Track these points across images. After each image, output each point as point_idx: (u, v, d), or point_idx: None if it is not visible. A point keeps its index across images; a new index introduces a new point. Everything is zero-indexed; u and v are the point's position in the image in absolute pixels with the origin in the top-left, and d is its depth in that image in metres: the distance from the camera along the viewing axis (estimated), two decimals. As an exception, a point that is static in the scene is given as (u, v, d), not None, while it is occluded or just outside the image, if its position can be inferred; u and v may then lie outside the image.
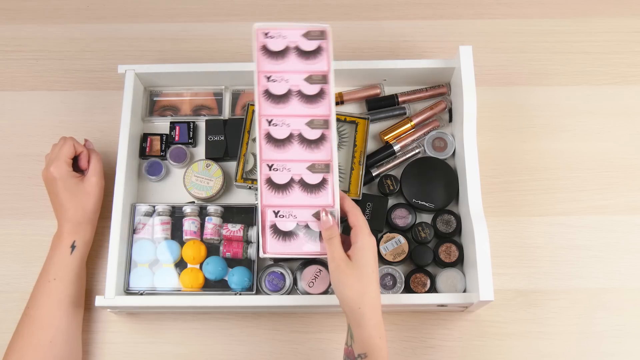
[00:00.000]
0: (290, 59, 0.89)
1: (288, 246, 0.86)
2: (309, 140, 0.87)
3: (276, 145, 0.87)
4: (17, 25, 1.20)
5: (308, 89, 0.88)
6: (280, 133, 0.88)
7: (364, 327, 0.81)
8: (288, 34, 0.89)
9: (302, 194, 0.87)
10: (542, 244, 1.04)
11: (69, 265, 0.96)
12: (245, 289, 0.99)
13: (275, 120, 0.88)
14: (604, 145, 1.10)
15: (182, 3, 1.21)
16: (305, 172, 0.87)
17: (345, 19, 1.19)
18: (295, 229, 0.86)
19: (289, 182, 0.87)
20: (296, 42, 0.89)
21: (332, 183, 0.87)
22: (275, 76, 0.89)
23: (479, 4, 1.20)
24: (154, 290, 0.99)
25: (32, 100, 1.14)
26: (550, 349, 0.99)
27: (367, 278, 0.82)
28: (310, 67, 0.89)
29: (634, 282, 1.02)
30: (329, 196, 0.86)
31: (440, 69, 1.06)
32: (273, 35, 0.89)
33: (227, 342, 1.01)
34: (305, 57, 0.89)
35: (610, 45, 1.16)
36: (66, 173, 0.98)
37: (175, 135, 1.08)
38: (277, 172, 0.87)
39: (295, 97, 0.88)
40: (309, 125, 0.88)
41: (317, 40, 0.90)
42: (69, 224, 0.98)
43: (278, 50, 0.89)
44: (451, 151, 1.06)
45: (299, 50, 0.89)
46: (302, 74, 0.89)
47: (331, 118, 0.88)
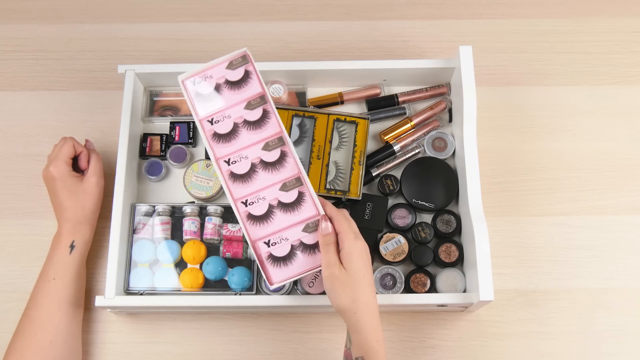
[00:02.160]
0: (224, 95, 0.91)
1: (291, 269, 0.88)
2: (271, 163, 0.89)
3: (243, 181, 0.89)
4: (17, 25, 1.20)
5: (251, 116, 0.90)
6: (242, 168, 0.89)
7: (361, 332, 0.81)
8: (213, 73, 0.91)
9: (284, 215, 0.88)
10: (542, 244, 1.04)
11: (68, 265, 0.96)
12: (245, 289, 0.98)
13: (233, 158, 0.89)
14: (604, 145, 1.10)
15: (182, 3, 1.21)
16: (280, 193, 0.88)
17: (345, 19, 1.19)
18: (291, 251, 0.87)
19: (268, 210, 0.88)
20: (224, 77, 0.91)
21: (309, 193, 0.88)
22: (216, 117, 0.90)
23: (478, 4, 1.20)
24: (153, 290, 0.99)
25: (32, 100, 1.14)
26: (550, 349, 0.99)
27: (358, 283, 0.82)
28: (245, 94, 0.90)
29: (634, 282, 1.02)
30: (311, 207, 0.88)
31: (440, 69, 1.06)
32: (199, 79, 0.91)
33: (227, 342, 1.01)
34: (237, 87, 0.91)
35: (610, 45, 1.16)
36: (65, 173, 0.98)
37: (175, 135, 1.08)
38: (254, 205, 0.88)
39: (242, 128, 0.90)
40: (265, 149, 0.89)
41: (241, 67, 0.91)
42: (68, 223, 0.97)
43: (209, 91, 0.91)
44: (451, 151, 1.05)
45: (229, 83, 0.90)
46: (240, 104, 0.90)
47: (283, 134, 0.89)
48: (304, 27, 1.19)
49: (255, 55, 1.16)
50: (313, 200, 0.88)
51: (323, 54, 1.16)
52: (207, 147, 0.90)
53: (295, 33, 1.18)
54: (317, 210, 0.87)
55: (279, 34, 1.18)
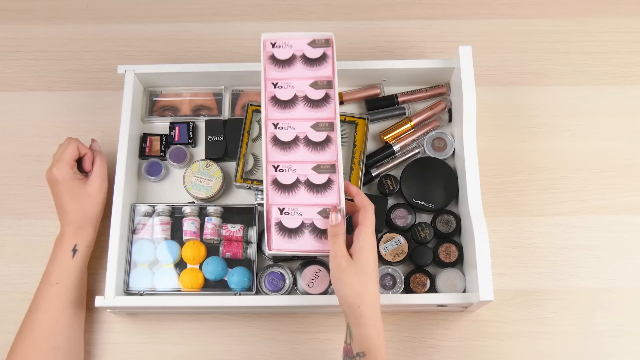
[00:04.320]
0: (296, 67, 0.93)
1: (293, 243, 0.87)
2: (314, 142, 0.90)
3: (282, 148, 0.90)
4: (17, 25, 1.20)
5: (313, 94, 0.92)
6: (286, 136, 0.90)
7: (363, 326, 0.81)
8: (294, 43, 0.94)
9: (307, 193, 0.88)
10: (542, 244, 1.04)
11: (70, 269, 0.95)
12: (245, 289, 0.99)
13: (281, 124, 0.91)
14: (604, 145, 1.10)
15: (182, 3, 1.21)
16: (311, 172, 0.89)
17: (345, 19, 1.19)
18: (301, 227, 0.87)
19: (295, 182, 0.89)
20: (302, 50, 0.94)
21: (338, 183, 0.88)
22: (281, 83, 0.92)
23: (478, 4, 1.20)
24: (153, 290, 0.99)
25: (32, 100, 1.14)
26: (550, 349, 0.99)
27: (367, 277, 0.82)
28: (315, 73, 0.93)
29: (634, 282, 1.02)
30: (335, 195, 0.88)
31: (440, 69, 1.06)
32: (280, 44, 0.94)
33: (227, 342, 1.01)
34: (311, 64, 0.93)
35: (609, 45, 1.16)
36: (68, 175, 0.97)
37: (175, 136, 1.08)
38: (283, 173, 0.89)
39: (301, 102, 0.92)
40: (314, 128, 0.91)
41: (322, 48, 0.94)
42: (70, 227, 0.97)
43: (285, 58, 0.93)
44: (451, 151, 1.06)
45: (305, 58, 0.93)
46: (307, 80, 0.93)
47: (336, 121, 0.91)
48: (304, 27, 1.18)
49: (255, 55, 1.16)
50: (339, 190, 0.88)
51: (323, 54, 1.16)
52: (263, 107, 0.91)
53: (295, 33, 1.18)
54: (339, 201, 0.88)
55: (279, 34, 1.18)
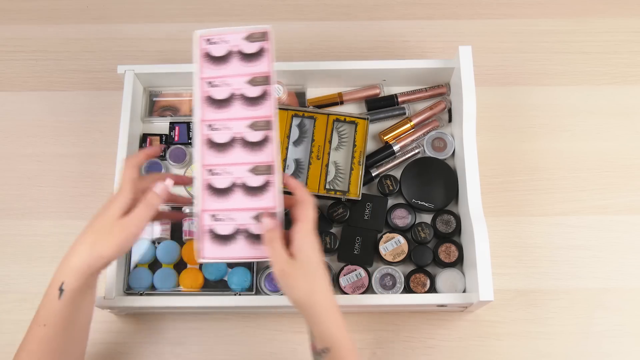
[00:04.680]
0: (232, 63, 0.88)
1: (227, 251, 0.84)
2: (251, 143, 0.86)
3: (217, 150, 0.86)
4: (17, 25, 1.20)
5: (250, 92, 0.87)
6: (222, 137, 0.86)
7: (321, 324, 0.79)
8: (230, 39, 0.89)
9: (243, 197, 0.85)
10: (542, 244, 1.04)
11: (58, 312, 0.80)
12: (245, 289, 0.99)
13: (217, 125, 0.87)
14: (604, 145, 1.10)
15: (182, 3, 1.21)
16: (248, 175, 0.85)
17: (345, 19, 1.19)
18: (234, 233, 0.84)
19: (230, 186, 0.85)
20: (238, 46, 0.89)
21: (276, 186, 0.84)
22: (217, 81, 0.88)
23: (478, 4, 1.20)
24: (153, 290, 0.99)
25: (32, 100, 1.14)
26: (550, 349, 0.99)
27: (312, 275, 0.79)
28: (252, 69, 0.88)
29: (634, 282, 1.02)
30: (272, 199, 0.84)
31: (440, 69, 1.06)
32: (215, 41, 0.89)
33: (227, 342, 1.01)
34: (248, 60, 0.88)
35: (609, 45, 1.16)
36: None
37: (174, 136, 1.08)
38: (218, 177, 0.85)
39: (237, 100, 0.87)
40: (251, 127, 0.86)
41: (259, 42, 0.89)
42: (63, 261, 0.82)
43: (220, 55, 0.89)
44: (451, 151, 1.06)
45: (241, 54, 0.88)
46: (244, 77, 0.88)
47: (274, 119, 0.86)
48: (303, 27, 1.19)
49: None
50: (276, 194, 0.84)
51: (322, 54, 1.16)
52: (196, 107, 0.87)
53: (295, 33, 1.18)
54: (275, 204, 0.84)
55: (279, 34, 1.16)
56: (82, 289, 0.80)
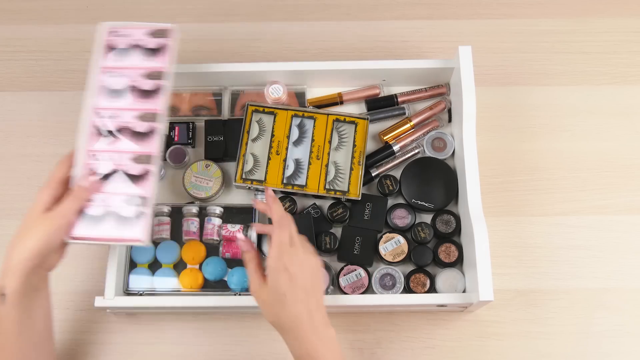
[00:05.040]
0: (132, 56, 0.92)
1: (96, 230, 0.85)
2: (137, 133, 0.89)
3: (103, 136, 0.89)
4: (17, 25, 1.20)
5: (145, 84, 0.91)
6: (110, 125, 0.89)
7: (290, 345, 0.82)
8: (133, 33, 0.93)
9: (121, 184, 0.88)
10: (542, 244, 1.04)
11: (4, 316, 0.77)
12: (245, 289, 0.98)
13: (107, 113, 0.90)
14: (604, 145, 1.10)
15: (182, 3, 1.21)
16: (129, 163, 0.88)
17: (345, 19, 1.19)
18: (104, 215, 0.86)
19: (111, 172, 0.88)
20: (141, 41, 0.93)
21: (154, 175, 0.88)
22: (115, 72, 0.92)
23: (478, 4, 1.20)
24: (153, 290, 0.99)
25: (32, 100, 1.14)
26: (550, 349, 0.99)
27: (278, 302, 0.80)
28: (150, 64, 0.92)
29: (634, 282, 1.02)
30: (149, 188, 0.88)
31: (440, 69, 1.06)
32: (120, 33, 0.93)
33: (227, 342, 1.01)
34: (148, 55, 0.92)
35: (609, 45, 1.16)
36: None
37: (174, 136, 1.08)
38: (101, 162, 0.88)
39: (131, 92, 0.91)
40: (139, 118, 0.90)
41: (161, 39, 0.93)
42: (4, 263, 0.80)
43: (122, 47, 0.93)
44: (450, 151, 1.05)
45: (143, 49, 0.93)
46: (141, 70, 0.92)
47: (161, 113, 0.90)
48: (303, 27, 1.18)
49: (255, 55, 1.17)
50: (152, 183, 0.88)
51: (322, 54, 1.16)
52: (89, 94, 0.90)
53: (294, 33, 1.18)
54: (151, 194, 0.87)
55: (279, 34, 1.18)
56: (25, 292, 0.78)
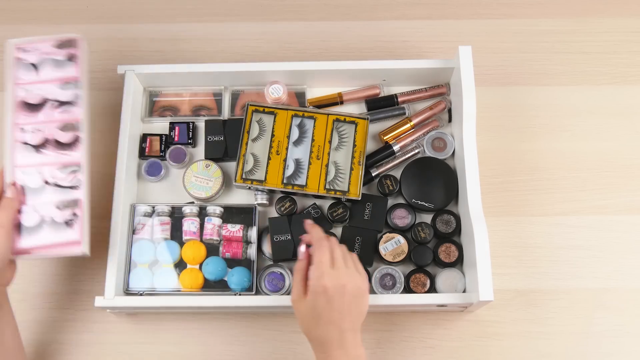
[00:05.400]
0: (45, 70, 0.93)
1: (35, 239, 0.87)
2: (61, 144, 0.91)
3: (29, 151, 0.90)
4: (16, 25, 1.20)
5: (62, 95, 0.92)
6: (34, 139, 0.91)
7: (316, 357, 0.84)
8: (42, 47, 0.94)
9: (52, 194, 0.89)
10: (542, 244, 1.04)
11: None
12: (245, 289, 0.99)
13: (29, 128, 0.91)
14: (604, 145, 1.10)
15: (182, 3, 1.21)
16: (57, 173, 0.90)
17: (345, 19, 1.19)
18: (40, 223, 0.88)
19: (41, 185, 0.89)
20: (50, 54, 0.94)
21: (84, 182, 0.89)
22: (30, 87, 0.93)
23: (478, 4, 1.20)
24: (153, 290, 0.99)
25: (31, 100, 1.14)
26: (550, 349, 0.99)
27: (312, 317, 0.83)
28: (62, 74, 0.93)
29: (634, 282, 1.02)
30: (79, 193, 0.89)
31: (440, 69, 1.06)
32: (28, 49, 0.94)
33: (227, 342, 1.01)
34: (59, 66, 0.93)
35: (609, 45, 1.16)
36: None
37: (174, 136, 1.08)
38: (30, 176, 0.90)
39: (49, 105, 0.92)
40: (61, 129, 0.91)
41: (68, 49, 0.94)
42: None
43: (32, 62, 0.93)
44: (451, 151, 1.06)
45: (53, 61, 0.93)
46: (55, 82, 0.93)
47: (82, 121, 0.91)
48: (303, 27, 1.19)
49: (255, 55, 1.17)
50: (84, 188, 0.89)
51: (322, 54, 1.16)
52: (9, 112, 0.91)
53: (294, 33, 1.18)
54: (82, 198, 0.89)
55: (279, 34, 1.18)
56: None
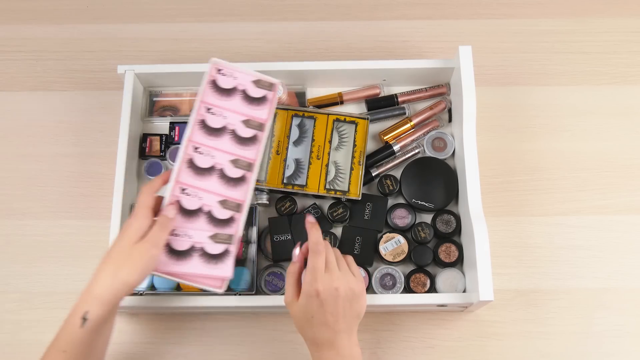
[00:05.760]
0: (234, 99, 0.93)
1: (180, 266, 0.87)
2: (228, 178, 0.91)
3: (195, 173, 0.90)
4: (17, 25, 1.20)
5: (243, 131, 0.92)
6: (203, 162, 0.90)
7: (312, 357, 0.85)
8: (239, 77, 0.94)
9: (206, 224, 0.89)
10: (542, 244, 1.04)
11: (79, 339, 0.79)
12: (245, 289, 0.98)
13: (202, 150, 0.91)
14: (604, 145, 1.10)
15: (182, 3, 1.21)
16: (216, 206, 0.89)
17: (345, 19, 1.19)
18: (190, 250, 0.88)
19: (197, 210, 0.89)
20: (245, 86, 0.94)
21: (240, 223, 0.90)
22: (215, 110, 0.93)
23: (478, 4, 1.20)
24: (153, 290, 0.99)
25: (32, 100, 1.14)
26: (550, 349, 0.99)
27: (304, 320, 0.84)
28: (251, 112, 0.93)
29: (634, 282, 1.02)
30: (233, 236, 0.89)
31: (440, 69, 1.06)
32: (225, 73, 0.94)
33: (227, 342, 1.01)
34: (249, 102, 0.94)
35: (609, 45, 1.16)
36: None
37: (174, 136, 1.08)
38: (189, 198, 0.89)
39: (228, 134, 0.92)
40: (233, 163, 0.91)
41: (265, 90, 0.95)
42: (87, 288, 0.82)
43: (226, 87, 0.94)
44: (451, 151, 1.06)
45: (245, 94, 0.94)
46: (241, 115, 0.93)
47: (256, 163, 0.91)
48: (303, 27, 1.19)
49: (255, 55, 1.17)
50: (238, 229, 0.89)
51: (322, 54, 1.16)
52: (189, 126, 0.91)
53: (294, 33, 1.18)
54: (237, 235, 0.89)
55: (279, 34, 1.18)
56: (105, 317, 0.80)
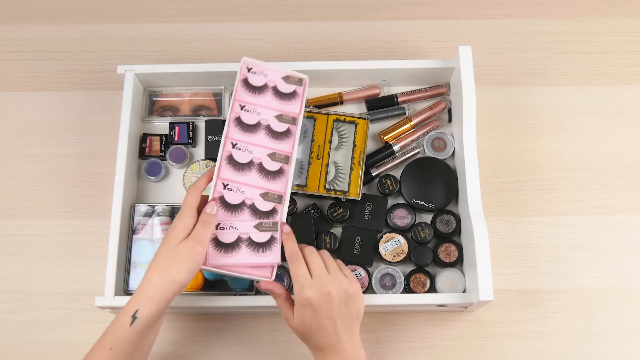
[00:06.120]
0: (266, 96, 0.96)
1: (230, 258, 0.87)
2: (267, 170, 0.92)
3: (235, 168, 0.92)
4: (16, 25, 1.20)
5: (276, 126, 0.95)
6: (242, 157, 0.92)
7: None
8: (269, 74, 0.98)
9: (250, 216, 0.90)
10: (542, 244, 1.04)
11: (126, 338, 0.81)
12: (244, 289, 0.98)
13: (240, 145, 0.93)
14: (604, 145, 1.10)
15: (182, 3, 1.21)
16: (258, 198, 0.91)
17: (345, 19, 1.19)
18: (237, 241, 0.88)
19: (240, 204, 0.90)
20: (275, 83, 0.97)
21: (282, 214, 0.91)
22: (249, 107, 0.95)
23: (478, 4, 1.20)
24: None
25: (31, 100, 1.14)
26: (550, 349, 0.99)
27: (306, 331, 0.84)
28: (283, 107, 0.96)
29: (634, 282, 1.02)
30: (278, 223, 0.90)
31: (440, 69, 1.06)
32: (256, 71, 0.97)
33: (227, 342, 1.01)
34: (280, 98, 0.97)
35: (609, 45, 1.16)
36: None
37: (174, 136, 1.08)
38: (231, 193, 0.91)
39: (263, 130, 0.94)
40: (270, 157, 0.93)
41: (294, 86, 0.98)
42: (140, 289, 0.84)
43: (257, 85, 0.96)
44: (451, 151, 1.06)
45: (276, 90, 0.97)
46: (274, 111, 0.96)
47: (292, 155, 0.93)
48: (303, 27, 1.19)
49: (255, 55, 1.16)
50: (281, 218, 0.90)
51: (322, 54, 1.16)
52: (226, 124, 0.93)
53: (294, 33, 1.18)
54: (281, 228, 0.89)
55: (279, 34, 1.18)
56: (155, 317, 0.82)
